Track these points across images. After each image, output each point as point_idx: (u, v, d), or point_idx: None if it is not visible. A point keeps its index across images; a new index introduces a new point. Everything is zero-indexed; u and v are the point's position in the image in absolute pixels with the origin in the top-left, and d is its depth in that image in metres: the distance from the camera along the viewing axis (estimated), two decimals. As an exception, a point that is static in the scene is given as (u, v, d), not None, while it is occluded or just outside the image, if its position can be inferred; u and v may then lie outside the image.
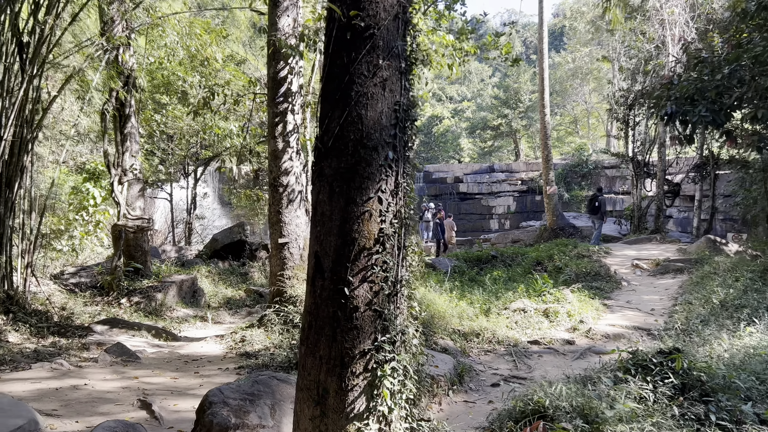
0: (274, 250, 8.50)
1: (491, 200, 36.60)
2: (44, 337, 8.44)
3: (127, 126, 11.01)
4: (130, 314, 9.91)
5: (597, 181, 32.52)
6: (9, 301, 8.82)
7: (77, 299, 10.18)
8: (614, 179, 31.99)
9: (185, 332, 9.46)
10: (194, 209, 19.74)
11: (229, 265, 14.37)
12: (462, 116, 60.48)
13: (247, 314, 11.27)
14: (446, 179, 38.98)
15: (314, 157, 3.43)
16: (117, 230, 10.63)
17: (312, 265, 3.33)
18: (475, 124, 53.01)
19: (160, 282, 11.07)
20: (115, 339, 8.15)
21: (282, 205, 8.39)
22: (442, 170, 40.72)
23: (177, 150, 18.28)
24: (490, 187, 37.04)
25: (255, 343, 7.51)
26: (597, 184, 31.93)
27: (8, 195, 8.83)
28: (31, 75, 8.76)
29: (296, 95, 8.47)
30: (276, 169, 8.40)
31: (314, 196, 3.39)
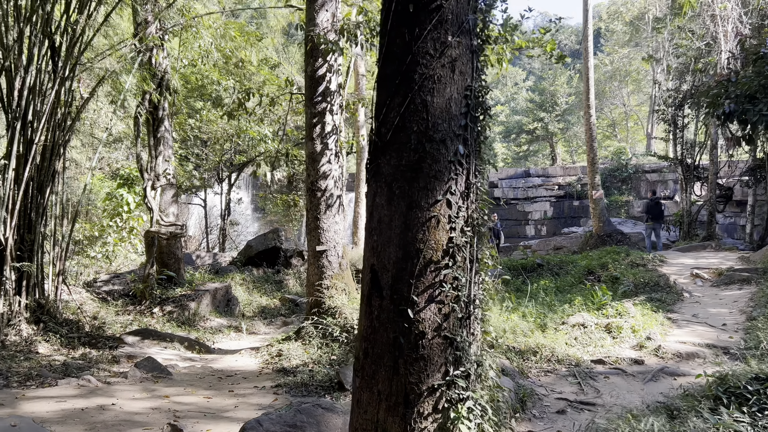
0: (312, 258, 8.02)
1: (527, 206, 35.67)
2: (75, 348, 8.13)
3: (160, 130, 10.72)
4: (162, 324, 9.56)
5: (637, 185, 31.37)
6: (40, 310, 8.54)
7: (109, 308, 9.88)
8: (655, 184, 30.77)
9: (219, 343, 9.06)
10: (228, 215, 19.49)
11: (264, 272, 13.99)
12: (496, 120, 59.66)
13: (282, 324, 10.83)
14: (481, 184, 38.16)
15: (369, 153, 2.90)
16: (150, 237, 10.32)
17: (367, 281, 2.80)
18: (510, 128, 52.03)
19: (193, 290, 10.71)
20: (146, 351, 7.78)
21: (320, 211, 7.91)
22: (476, 175, 39.75)
23: (211, 155, 18.07)
24: (526, 193, 36.10)
25: (292, 358, 7.02)
26: (636, 189, 30.79)
27: (39, 200, 8.57)
28: (62, 77, 8.50)
29: (335, 94, 8.00)
30: (314, 172, 7.93)
31: (369, 200, 2.86)
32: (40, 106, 8.44)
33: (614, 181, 32.80)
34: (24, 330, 8.09)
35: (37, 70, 8.37)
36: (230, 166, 18.12)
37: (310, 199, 8.02)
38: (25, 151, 8.29)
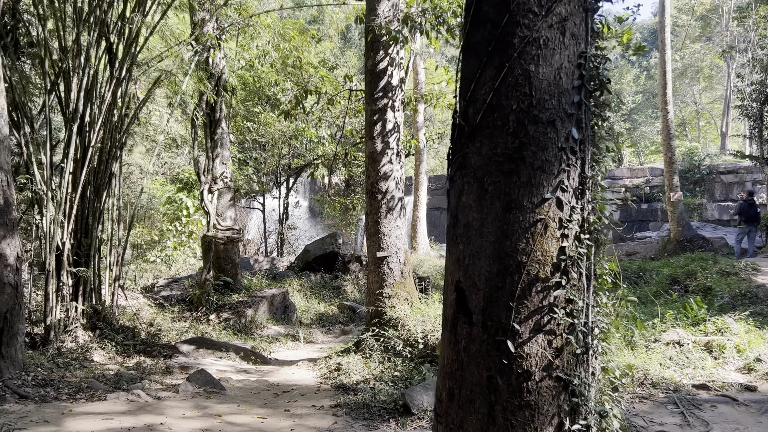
0: (372, 265, 7.49)
1: (593, 209, 34.01)
2: (129, 356, 7.89)
3: (217, 132, 10.47)
4: (218, 332, 9.26)
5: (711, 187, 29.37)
6: (96, 316, 8.37)
7: (165, 314, 9.66)
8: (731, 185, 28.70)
9: (275, 353, 8.65)
10: (286, 219, 19.30)
11: (321, 277, 13.60)
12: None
13: (340, 333, 10.36)
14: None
15: (452, 141, 2.31)
16: (206, 241, 10.07)
17: (452, 302, 2.21)
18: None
19: (250, 297, 10.40)
20: (201, 362, 7.44)
21: (380, 214, 7.38)
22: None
23: (269, 159, 17.90)
24: (592, 196, 34.47)
25: (352, 373, 6.50)
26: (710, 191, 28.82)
27: (96, 204, 8.41)
28: (118, 78, 8.32)
29: (396, 90, 7.46)
30: (374, 173, 7.41)
31: (453, 199, 2.27)
32: (96, 109, 8.29)
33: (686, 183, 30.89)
34: (80, 336, 7.92)
35: (94, 72, 8.22)
36: (288, 169, 17.90)
37: (369, 202, 7.50)
38: (82, 154, 8.15)
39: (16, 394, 5.48)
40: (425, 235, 18.02)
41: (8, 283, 6.03)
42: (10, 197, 6.14)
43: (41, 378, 6.11)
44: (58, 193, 7.75)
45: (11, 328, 6.02)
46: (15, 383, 5.70)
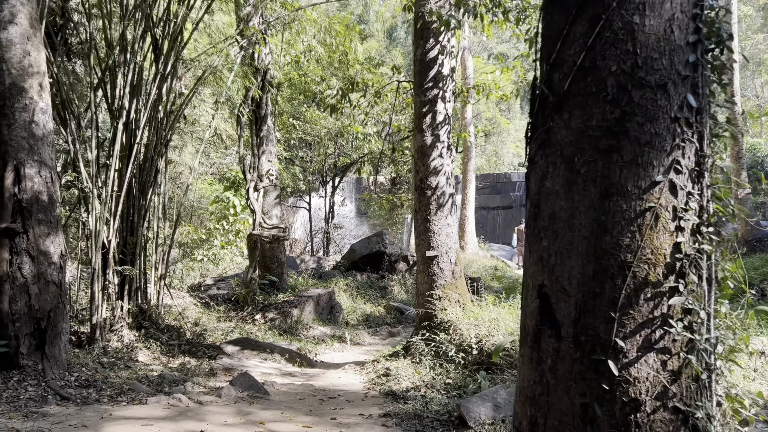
0: (421, 265, 7.11)
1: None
2: (174, 356, 7.75)
3: (263, 129, 10.29)
4: (264, 332, 9.05)
5: (778, 185, 27.54)
6: (142, 315, 8.27)
7: (211, 314, 9.53)
8: (800, 183, 26.86)
9: (321, 355, 8.37)
10: (332, 218, 19.11)
11: (368, 277, 13.29)
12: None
13: (388, 335, 10.01)
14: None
15: (532, 114, 1.91)
16: (252, 240, 9.89)
17: (533, 310, 1.80)
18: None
19: (296, 296, 10.17)
20: (245, 364, 7.21)
21: (430, 211, 6.98)
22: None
23: (315, 158, 17.73)
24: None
25: (401, 379, 6.13)
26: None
27: (142, 202, 8.31)
28: (163, 74, 8.20)
29: (447, 80, 7.05)
30: (423, 168, 7.02)
31: (533, 184, 1.87)
32: (142, 105, 8.19)
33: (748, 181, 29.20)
34: (125, 336, 7.82)
35: (139, 68, 8.12)
36: (334, 168, 17.70)
37: (418, 199, 7.12)
38: (127, 151, 8.06)
39: (58, 395, 5.34)
40: (474, 235, 17.51)
41: (52, 281, 5.92)
42: (54, 194, 6.03)
43: (84, 378, 5.98)
44: (104, 190, 7.67)
45: (55, 327, 5.91)
46: (58, 384, 5.57)
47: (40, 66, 6.06)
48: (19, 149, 5.81)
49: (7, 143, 5.80)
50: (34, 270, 5.79)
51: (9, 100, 5.83)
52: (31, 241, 5.78)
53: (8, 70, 5.83)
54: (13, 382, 5.43)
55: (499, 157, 45.04)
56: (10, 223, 5.72)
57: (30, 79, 5.94)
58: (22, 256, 5.75)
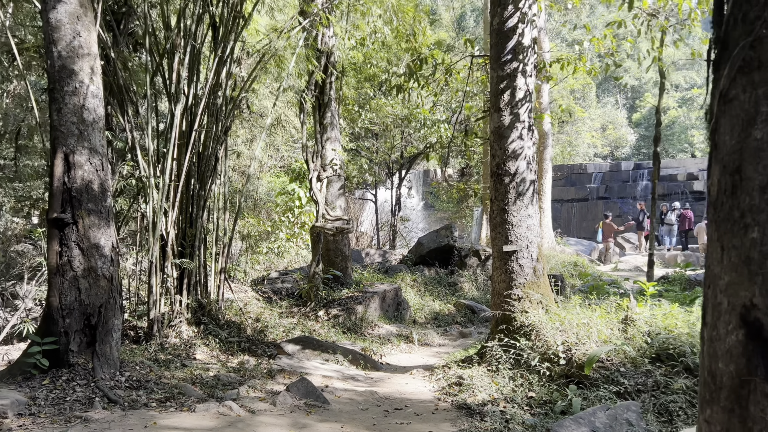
0: (498, 261, 6.34)
1: (740, 200, 30.15)
2: (233, 353, 7.37)
3: (326, 115, 9.77)
4: (327, 329, 8.55)
5: None
6: (201, 310, 7.94)
7: (273, 309, 9.12)
8: None
9: (387, 356, 7.77)
10: (399, 211, 18.50)
11: (436, 272, 12.59)
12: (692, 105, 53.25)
13: (459, 336, 9.29)
14: (676, 176, 33.22)
15: (716, 24, 1.16)
16: (315, 232, 9.41)
17: (732, 348, 1.06)
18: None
19: (360, 292, 9.62)
20: (305, 365, 6.70)
21: (508, 201, 6.20)
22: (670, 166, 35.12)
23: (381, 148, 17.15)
24: (739, 185, 30.56)
25: (476, 390, 5.41)
26: None
27: (201, 192, 7.97)
28: (221, 57, 7.79)
29: (528, 51, 6.23)
30: (500, 152, 6.24)
31: (728, 133, 1.11)
32: (200, 90, 7.84)
33: None
34: (184, 332, 7.50)
35: (198, 51, 7.76)
36: (401, 158, 17.06)
37: (494, 187, 6.35)
38: (185, 138, 7.72)
39: (106, 397, 4.98)
40: (550, 228, 16.43)
41: (103, 275, 5.58)
42: (105, 182, 5.69)
43: (136, 379, 5.62)
44: (161, 179, 7.35)
45: (105, 324, 5.58)
46: (107, 384, 5.23)
47: (91, 47, 5.72)
48: (69, 135, 5.49)
49: (56, 129, 5.50)
50: (84, 263, 5.48)
51: (59, 83, 5.52)
52: (80, 232, 5.46)
53: (57, 52, 5.51)
54: (61, 382, 5.12)
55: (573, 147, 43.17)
56: (59, 213, 5.42)
57: (80, 61, 5.60)
58: (71, 249, 5.44)
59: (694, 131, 50.06)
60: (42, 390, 4.94)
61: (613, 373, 4.87)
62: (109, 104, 7.73)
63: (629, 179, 35.72)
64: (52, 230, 5.46)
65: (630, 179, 35.78)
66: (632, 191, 34.79)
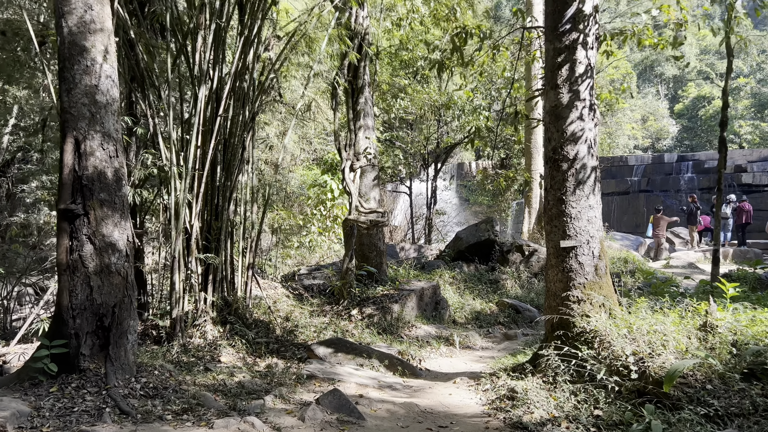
0: (553, 258, 5.63)
1: (787, 194, 28.63)
2: (261, 355, 6.84)
3: (359, 101, 9.15)
4: (360, 330, 7.96)
5: None
6: (227, 309, 7.44)
7: (304, 307, 8.58)
8: None
9: (426, 361, 7.14)
10: (434, 204, 17.79)
11: (476, 269, 11.88)
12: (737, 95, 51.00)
13: (503, 338, 8.60)
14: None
15: None
16: (348, 226, 8.82)
17: None
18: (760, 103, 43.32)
19: (396, 290, 9.00)
20: (337, 371, 6.11)
21: (566, 189, 5.49)
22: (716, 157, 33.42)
23: (416, 138, 16.45)
24: (786, 177, 29.04)
25: (533, 406, 4.73)
26: None
27: (227, 182, 7.45)
28: (248, 38, 7.24)
29: (590, 20, 5.49)
30: (557, 134, 5.53)
31: None
32: (225, 74, 7.31)
33: None
34: (209, 332, 7.01)
35: (223, 31, 7.22)
36: (437, 149, 16.33)
37: (550, 174, 5.64)
38: (209, 125, 7.20)
39: (118, 407, 4.47)
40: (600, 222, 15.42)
41: (117, 271, 5.08)
42: (119, 170, 5.19)
43: (153, 386, 5.11)
44: (184, 168, 6.85)
45: (120, 325, 5.08)
46: (120, 393, 4.72)
47: (104, 22, 5.21)
48: (80, 118, 5.00)
49: (66, 111, 5.01)
50: (96, 258, 4.98)
51: (68, 61, 5.03)
52: (92, 224, 4.97)
53: (68, 27, 5.02)
54: (70, 390, 4.64)
55: (613, 139, 41.75)
56: (68, 204, 4.94)
57: (92, 37, 5.10)
58: (82, 243, 4.95)
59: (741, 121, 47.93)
60: (48, 399, 4.47)
61: (698, 392, 4.13)
62: (132, 90, 7.26)
63: (672, 172, 34.31)
64: (62, 223, 4.98)
65: (673, 172, 34.37)
66: (675, 184, 33.40)
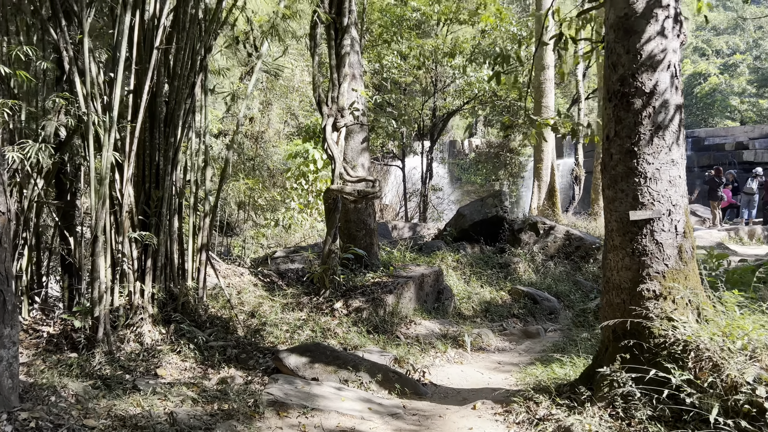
0: (618, 236, 3.97)
1: (790, 172, 27.24)
2: (213, 366, 5.19)
3: (344, 44, 7.37)
4: (346, 328, 6.31)
5: None
6: (173, 303, 5.74)
7: (275, 299, 6.91)
8: None
9: (432, 371, 5.49)
10: (430, 178, 16.07)
11: (481, 250, 10.26)
12: (734, 72, 49.64)
13: (522, 335, 6.99)
14: (724, 146, 30.10)
15: None
16: (331, 198, 7.11)
17: None
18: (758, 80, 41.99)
19: (391, 277, 7.35)
20: (314, 391, 4.44)
21: (640, 137, 3.82)
22: (717, 135, 32.00)
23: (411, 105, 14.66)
24: (789, 155, 27.64)
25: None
26: None
27: (170, 139, 5.70)
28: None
29: None
30: (627, 58, 3.84)
31: None
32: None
33: None
34: (146, 334, 5.33)
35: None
36: (433, 116, 14.58)
37: (615, 116, 3.96)
38: (144, 62, 5.43)
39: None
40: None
41: (-24, 256, 3.36)
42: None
43: (37, 425, 3.43)
44: (107, 116, 5.09)
45: (-15, 337, 3.38)
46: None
47: None
48: None
49: None
50: (-63, 237, 3.26)
51: None
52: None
53: None
54: None
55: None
56: None
57: None
58: None
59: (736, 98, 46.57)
60: None
61: None
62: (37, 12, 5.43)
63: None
64: None
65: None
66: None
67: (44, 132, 5.26)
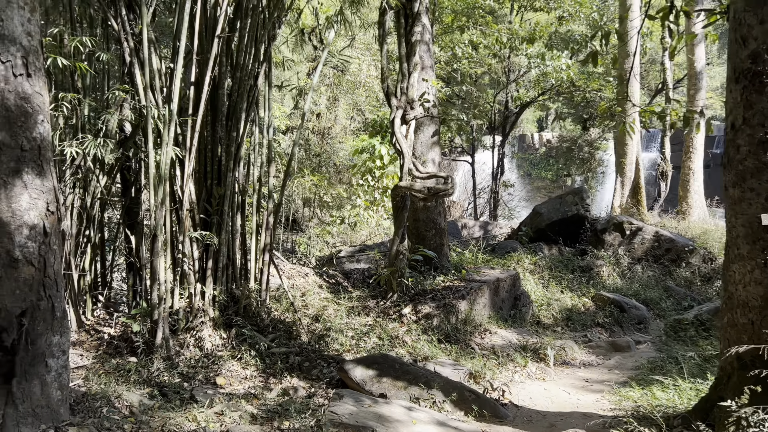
0: (745, 244, 3.30)
1: None
2: (275, 374, 4.87)
3: (414, 31, 6.90)
4: (415, 337, 5.86)
5: None
6: (234, 305, 5.47)
7: (341, 302, 6.54)
8: None
9: (512, 389, 4.94)
10: (501, 174, 15.34)
11: (559, 252, 9.55)
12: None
13: (610, 348, 6.31)
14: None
15: None
16: (399, 195, 6.67)
17: None
18: None
19: (463, 281, 6.84)
20: (382, 411, 4.01)
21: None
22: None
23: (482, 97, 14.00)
24: None
25: None
26: None
27: (232, 133, 5.41)
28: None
29: None
30: (760, 29, 3.20)
31: None
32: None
33: None
34: (207, 339, 5.06)
35: None
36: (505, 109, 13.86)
37: (746, 99, 3.32)
38: (205, 51, 5.16)
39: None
40: (701, 194, 12.69)
41: (25, 259, 3.14)
42: (33, 97, 3.19)
43: (84, 442, 3.17)
44: (166, 109, 4.84)
45: (33, 345, 3.18)
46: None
47: None
48: (-44, 8, 3.01)
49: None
50: (-17, 239, 3.04)
51: None
52: (-24, 182, 3.02)
53: None
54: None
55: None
56: (-65, 148, 2.99)
57: None
58: (-40, 212, 3.02)
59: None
60: None
61: None
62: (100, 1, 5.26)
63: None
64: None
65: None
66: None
67: (106, 126, 5.08)
